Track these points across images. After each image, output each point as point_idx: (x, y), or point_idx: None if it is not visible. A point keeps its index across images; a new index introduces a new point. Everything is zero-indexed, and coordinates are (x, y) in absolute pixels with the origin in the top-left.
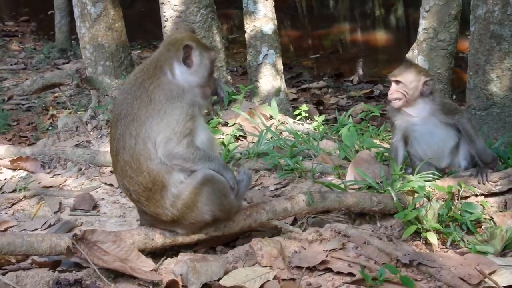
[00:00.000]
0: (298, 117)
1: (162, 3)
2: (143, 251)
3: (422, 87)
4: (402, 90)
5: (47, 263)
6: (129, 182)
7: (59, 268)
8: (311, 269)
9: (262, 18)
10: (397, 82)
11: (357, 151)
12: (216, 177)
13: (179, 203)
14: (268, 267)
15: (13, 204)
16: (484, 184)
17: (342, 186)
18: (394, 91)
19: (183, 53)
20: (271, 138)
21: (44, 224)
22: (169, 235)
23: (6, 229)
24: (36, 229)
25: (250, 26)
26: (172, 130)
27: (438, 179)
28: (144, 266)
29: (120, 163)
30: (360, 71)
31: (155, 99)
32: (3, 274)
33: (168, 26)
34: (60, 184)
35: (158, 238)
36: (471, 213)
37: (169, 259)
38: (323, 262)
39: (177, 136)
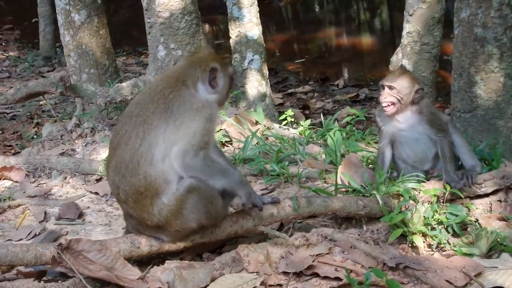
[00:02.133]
0: (284, 122)
1: (146, 10)
2: (129, 260)
3: (414, 94)
4: (396, 96)
5: (32, 273)
6: (121, 180)
7: (44, 278)
8: (298, 274)
9: (247, 24)
10: (391, 87)
11: (342, 156)
12: (202, 185)
13: (165, 210)
14: (255, 273)
15: None
16: (469, 186)
17: (328, 190)
18: (387, 96)
19: (209, 75)
20: (257, 143)
21: (29, 234)
22: (155, 243)
23: None
24: (21, 239)
25: (235, 32)
26: (188, 142)
27: (423, 181)
28: (131, 274)
29: (117, 158)
30: (346, 75)
31: (173, 108)
32: None
33: (152, 32)
34: (45, 193)
35: (144, 246)
36: (456, 215)
37: (155, 267)
38: (310, 267)
39: (194, 149)
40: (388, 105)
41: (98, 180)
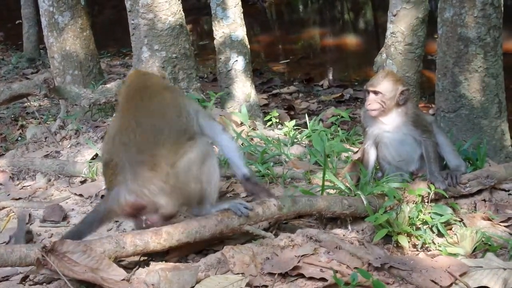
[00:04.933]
0: (269, 123)
1: (130, 11)
2: (114, 260)
3: (398, 97)
4: (380, 100)
5: None
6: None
7: (29, 281)
8: (284, 275)
9: (231, 25)
10: (375, 92)
11: (327, 156)
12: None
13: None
14: (240, 275)
15: None
16: (454, 186)
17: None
18: (372, 102)
19: None
20: (241, 144)
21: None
22: (140, 243)
23: None
24: (5, 242)
25: (219, 33)
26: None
27: (408, 182)
28: (116, 275)
29: (149, 107)
30: (330, 76)
31: None
32: None
33: (136, 34)
34: (29, 196)
35: (129, 246)
36: (441, 215)
37: (140, 269)
38: (295, 267)
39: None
40: (373, 110)
41: (82, 182)
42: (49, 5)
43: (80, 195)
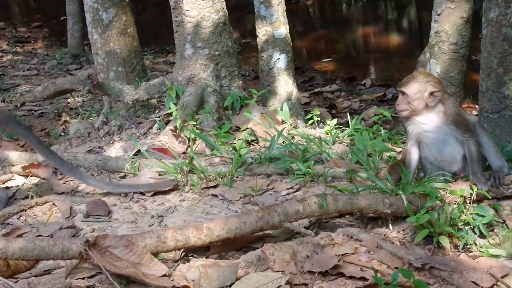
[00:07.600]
0: (310, 121)
1: (174, 8)
2: (155, 255)
3: (428, 98)
4: (407, 101)
5: None
6: None
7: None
8: (324, 274)
9: (274, 23)
10: (403, 93)
11: (369, 155)
12: None
13: None
14: (280, 272)
15: (25, 211)
16: (496, 187)
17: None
18: (400, 102)
19: None
20: (282, 142)
21: (57, 230)
22: (181, 238)
23: (19, 236)
24: (48, 236)
25: (261, 31)
26: None
27: (450, 182)
28: (157, 270)
29: None
30: (373, 75)
31: None
32: (16, 282)
33: (179, 31)
34: (72, 190)
35: (170, 241)
36: (483, 216)
37: (181, 264)
38: (336, 266)
39: None
40: (401, 110)
41: (122, 178)
42: (93, 2)
43: None
